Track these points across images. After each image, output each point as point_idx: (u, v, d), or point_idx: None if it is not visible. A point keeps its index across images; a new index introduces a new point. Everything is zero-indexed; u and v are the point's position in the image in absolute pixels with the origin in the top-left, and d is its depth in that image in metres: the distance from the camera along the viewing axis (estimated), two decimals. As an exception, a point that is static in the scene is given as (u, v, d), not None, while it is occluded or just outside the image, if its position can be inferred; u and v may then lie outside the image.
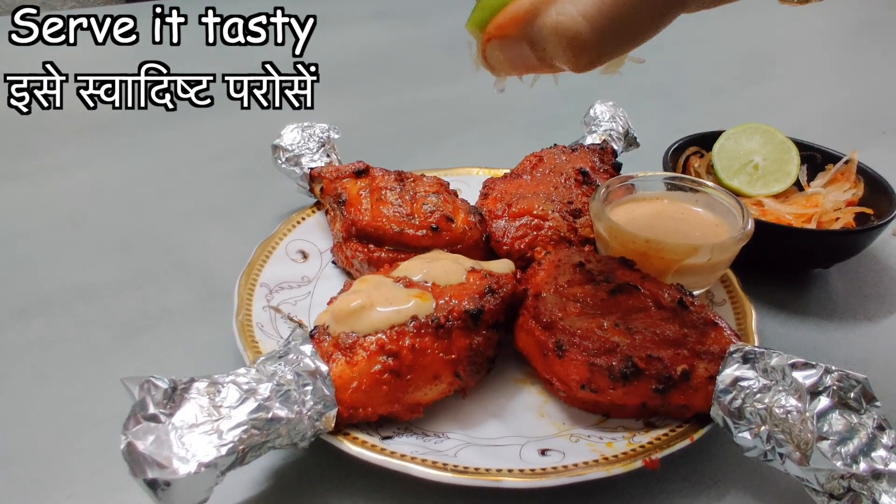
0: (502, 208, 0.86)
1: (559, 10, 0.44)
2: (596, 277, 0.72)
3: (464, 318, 0.66)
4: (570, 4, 0.44)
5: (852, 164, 0.98)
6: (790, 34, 2.05)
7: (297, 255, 0.89)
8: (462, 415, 0.67)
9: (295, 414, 0.57)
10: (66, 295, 0.87)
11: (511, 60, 0.49)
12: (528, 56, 0.48)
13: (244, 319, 0.74)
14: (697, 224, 0.85)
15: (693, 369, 0.62)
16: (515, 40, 0.48)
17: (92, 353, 0.78)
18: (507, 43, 0.48)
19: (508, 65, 0.50)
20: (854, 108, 1.53)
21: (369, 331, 0.64)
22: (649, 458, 0.60)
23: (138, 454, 0.50)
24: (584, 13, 0.43)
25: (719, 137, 1.03)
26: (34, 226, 1.02)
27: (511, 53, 0.49)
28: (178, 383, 0.55)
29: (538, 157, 0.96)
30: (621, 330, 0.65)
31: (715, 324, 0.66)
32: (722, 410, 0.60)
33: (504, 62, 0.50)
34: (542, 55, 0.47)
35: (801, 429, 0.56)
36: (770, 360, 0.60)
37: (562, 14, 0.44)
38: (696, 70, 1.73)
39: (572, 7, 0.44)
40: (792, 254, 0.89)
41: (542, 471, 0.59)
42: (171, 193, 1.12)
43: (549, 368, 0.66)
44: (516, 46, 0.48)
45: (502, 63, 0.50)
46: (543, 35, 0.46)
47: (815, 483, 0.55)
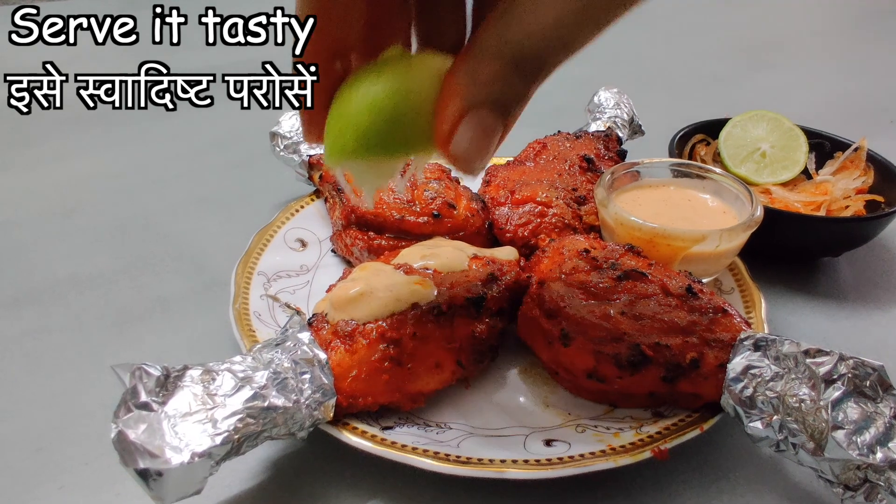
0: (505, 195, 0.85)
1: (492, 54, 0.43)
2: (602, 264, 0.70)
3: (466, 306, 0.64)
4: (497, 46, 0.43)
5: (862, 151, 0.96)
6: (796, 22, 2.03)
7: (296, 243, 0.87)
8: (464, 405, 0.66)
9: (292, 403, 0.55)
10: (60, 284, 0.85)
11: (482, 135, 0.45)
12: (490, 119, 0.44)
13: (241, 308, 0.73)
14: (705, 211, 0.83)
15: (703, 357, 0.61)
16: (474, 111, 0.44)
17: (85, 342, 0.76)
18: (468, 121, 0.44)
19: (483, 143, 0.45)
20: (861, 97, 1.51)
21: (369, 318, 0.62)
22: (658, 449, 0.58)
23: (129, 443, 0.48)
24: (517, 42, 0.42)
25: (726, 125, 1.01)
26: (28, 215, 1.00)
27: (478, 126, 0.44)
28: (171, 371, 0.53)
29: (542, 144, 0.94)
30: (628, 317, 0.63)
31: (724, 311, 0.64)
32: (733, 399, 0.58)
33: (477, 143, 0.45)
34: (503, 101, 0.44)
35: (815, 418, 0.54)
36: (782, 347, 0.58)
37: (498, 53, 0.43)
38: (701, 58, 1.71)
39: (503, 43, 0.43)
40: (801, 242, 0.87)
41: (547, 462, 0.57)
42: (167, 182, 1.10)
43: (554, 357, 0.65)
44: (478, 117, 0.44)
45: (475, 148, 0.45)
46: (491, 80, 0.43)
47: (830, 474, 0.53)
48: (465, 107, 0.43)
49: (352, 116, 0.46)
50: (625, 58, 1.54)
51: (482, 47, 0.43)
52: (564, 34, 0.42)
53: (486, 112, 0.44)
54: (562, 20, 0.42)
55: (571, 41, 0.43)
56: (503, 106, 0.44)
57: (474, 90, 0.43)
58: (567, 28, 0.42)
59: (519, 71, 0.43)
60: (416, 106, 0.45)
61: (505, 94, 0.44)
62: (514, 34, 0.42)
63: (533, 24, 0.42)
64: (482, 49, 0.43)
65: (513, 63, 0.43)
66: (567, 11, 0.42)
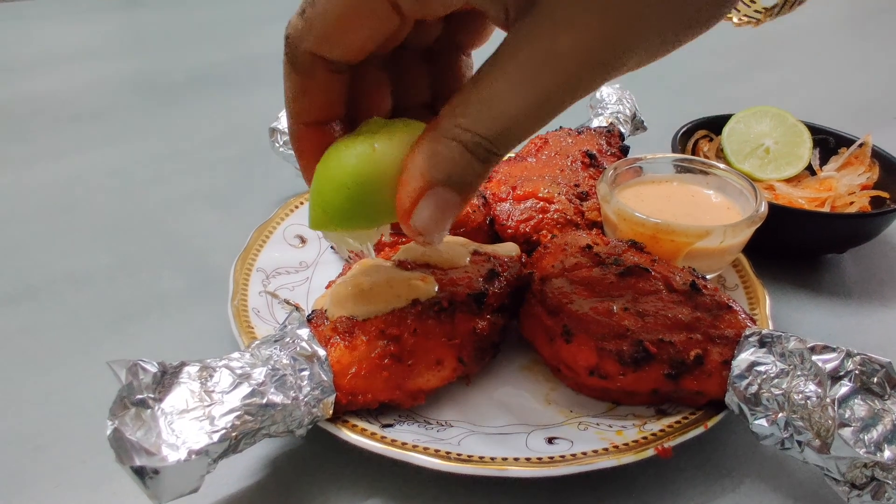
0: (507, 191, 0.84)
1: (453, 136, 0.45)
2: (604, 260, 0.69)
3: (467, 302, 0.63)
4: (458, 129, 0.45)
5: (867, 147, 0.96)
6: (799, 19, 2.02)
7: (295, 239, 0.86)
8: (466, 402, 0.65)
9: (291, 400, 0.54)
10: (57, 281, 0.84)
11: (441, 212, 0.46)
12: (450, 197, 0.46)
13: (239, 304, 0.72)
14: (708, 207, 0.82)
15: (707, 354, 0.60)
16: (432, 191, 0.46)
17: (82, 339, 0.75)
18: (428, 199, 0.46)
19: (442, 219, 0.47)
20: (865, 93, 1.49)
21: (369, 314, 0.61)
22: (661, 447, 0.57)
23: (125, 440, 0.47)
24: (475, 129, 0.44)
25: (729, 121, 1.01)
26: (24, 211, 1.00)
27: (437, 205, 0.46)
28: (168, 367, 0.52)
29: (543, 140, 0.93)
30: (631, 314, 0.62)
31: (729, 307, 0.64)
32: (737, 397, 0.58)
33: (437, 219, 0.47)
34: (461, 184, 0.46)
35: (821, 415, 0.53)
36: (788, 343, 0.57)
37: (457, 136, 0.45)
38: (703, 55, 1.70)
39: (459, 130, 0.44)
40: (805, 238, 0.86)
41: (549, 459, 0.56)
42: (165, 179, 1.10)
43: (556, 354, 0.64)
44: (436, 196, 0.46)
45: (437, 222, 0.47)
46: (450, 164, 0.45)
47: (836, 472, 0.52)
48: (423, 186, 0.46)
49: (324, 193, 0.50)
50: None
51: (441, 129, 0.45)
52: (519, 125, 0.44)
53: (444, 190, 0.46)
54: (517, 114, 0.43)
55: (527, 130, 0.45)
56: (460, 185, 0.46)
57: (433, 170, 0.45)
58: (522, 119, 0.44)
59: (475, 154, 0.45)
60: (383, 182, 0.48)
61: (462, 175, 0.45)
62: (470, 123, 0.44)
63: (488, 116, 0.44)
64: (441, 131, 0.45)
65: (469, 147, 0.44)
66: (524, 105, 0.43)
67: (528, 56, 0.42)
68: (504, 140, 0.45)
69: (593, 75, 0.43)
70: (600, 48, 0.42)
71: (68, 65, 1.55)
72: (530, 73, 0.42)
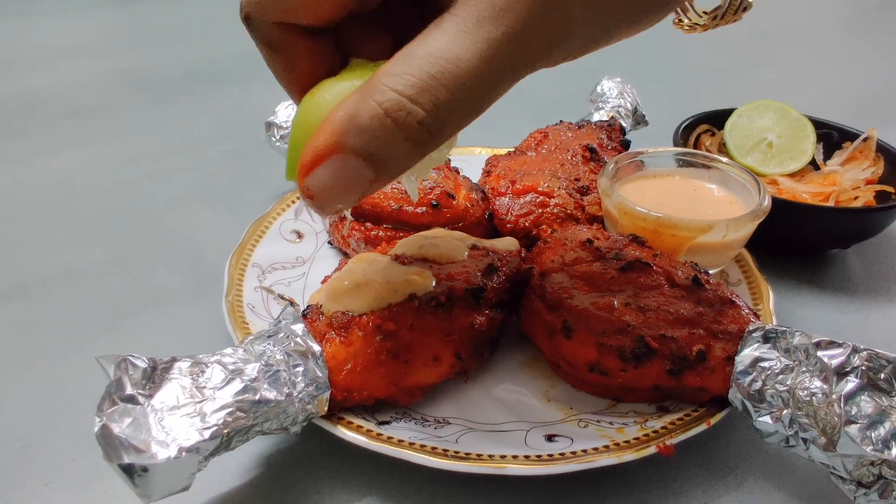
0: (506, 185, 0.83)
1: (379, 100, 0.37)
2: (605, 255, 0.68)
3: (465, 297, 0.62)
4: (389, 90, 0.37)
5: (871, 141, 0.94)
6: (801, 14, 2.01)
7: (292, 234, 0.85)
8: (464, 399, 0.64)
9: (284, 396, 0.53)
10: (50, 278, 0.83)
11: (342, 183, 0.39)
12: (359, 169, 0.38)
13: (234, 300, 0.71)
14: (710, 201, 0.81)
15: (709, 349, 0.59)
16: (339, 155, 0.38)
17: (75, 336, 0.74)
18: (330, 164, 0.38)
19: (340, 191, 0.39)
20: (869, 88, 1.48)
21: (365, 309, 0.60)
22: (663, 444, 0.56)
23: (113, 437, 0.46)
24: (408, 94, 0.36)
25: (731, 115, 0.99)
26: (18, 207, 0.98)
27: (339, 173, 0.38)
28: (159, 363, 0.51)
29: (543, 134, 0.92)
30: (632, 309, 0.61)
31: (732, 302, 0.62)
32: (741, 393, 0.56)
33: (334, 189, 0.39)
34: (377, 157, 0.38)
35: (826, 412, 0.52)
36: (793, 339, 0.56)
37: (384, 102, 0.36)
38: (704, 50, 1.69)
39: (392, 92, 0.36)
40: (810, 233, 0.85)
41: (548, 457, 0.55)
42: (161, 175, 1.08)
43: (555, 350, 0.63)
44: (342, 162, 0.38)
45: (333, 192, 0.39)
46: (371, 133, 0.37)
47: (843, 470, 0.51)
48: (332, 146, 0.38)
49: (295, 141, 0.44)
50: (627, 49, 1.52)
51: (371, 86, 0.37)
52: (458, 85, 0.37)
53: (355, 160, 0.38)
54: (455, 70, 0.36)
55: (468, 95, 0.37)
56: (377, 161, 0.38)
57: (347, 134, 0.37)
58: (462, 76, 0.37)
59: (400, 126, 0.37)
60: None
61: (381, 149, 0.38)
62: (397, 81, 0.37)
63: (419, 72, 0.36)
64: (370, 89, 0.37)
65: (392, 114, 0.37)
66: (465, 57, 0.36)
67: (474, 6, 0.37)
68: (438, 109, 0.37)
69: (541, 34, 0.38)
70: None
71: (64, 61, 1.54)
72: (473, 24, 0.36)
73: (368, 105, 0.37)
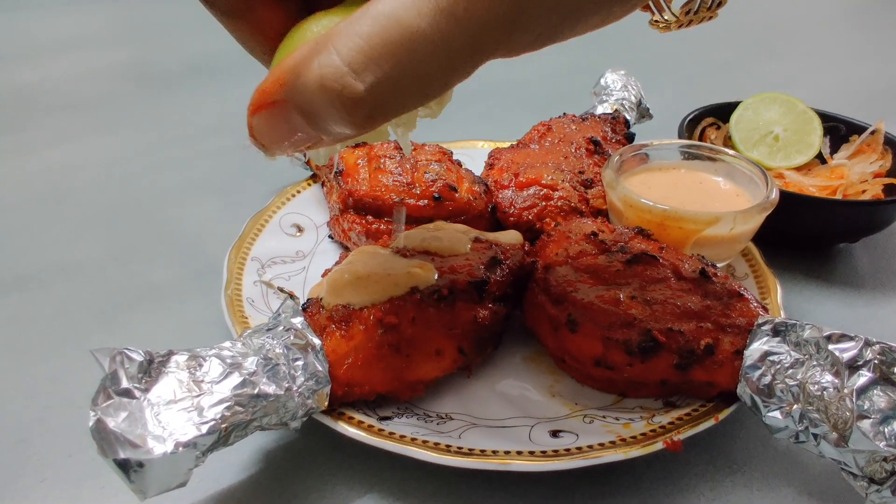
0: (509, 178, 0.81)
1: (322, 63, 0.34)
2: (610, 248, 0.67)
3: (468, 290, 0.61)
4: (335, 54, 0.34)
5: (879, 134, 0.93)
6: (809, 6, 1.99)
7: (292, 228, 0.84)
8: (466, 394, 0.63)
9: (284, 390, 0.52)
10: (47, 271, 0.82)
11: (282, 134, 0.39)
12: (300, 125, 0.37)
13: (233, 294, 0.70)
14: (717, 194, 0.80)
15: (718, 343, 0.57)
16: (282, 108, 0.37)
17: (71, 330, 0.73)
18: (273, 113, 0.37)
19: (280, 139, 0.39)
20: (876, 81, 1.47)
21: (366, 303, 0.59)
22: (671, 440, 0.55)
23: (108, 432, 0.45)
24: (351, 62, 0.34)
25: (737, 107, 0.98)
26: (14, 201, 0.98)
27: (280, 125, 0.38)
28: (155, 356, 0.50)
29: (547, 127, 0.91)
30: (638, 302, 0.60)
31: (740, 295, 0.61)
32: (750, 388, 0.55)
33: (275, 138, 0.39)
34: (315, 120, 0.37)
35: (838, 407, 0.51)
36: (803, 332, 0.55)
37: (325, 66, 0.34)
38: (709, 44, 1.67)
39: (336, 57, 0.34)
40: (817, 227, 0.84)
41: (553, 453, 0.54)
42: (159, 168, 1.07)
43: (560, 344, 0.61)
44: (284, 115, 0.37)
45: (273, 139, 0.39)
46: (310, 95, 0.35)
47: (854, 466, 0.50)
48: (276, 96, 0.37)
49: None
50: (631, 42, 1.50)
51: (324, 43, 0.35)
52: (412, 72, 0.34)
53: (296, 116, 0.37)
54: (402, 35, 0.33)
55: (420, 85, 0.35)
56: (316, 123, 0.37)
57: (291, 88, 0.36)
58: (410, 43, 0.34)
59: (340, 101, 0.35)
60: None
61: (320, 116, 0.36)
62: (349, 49, 0.34)
63: (377, 46, 0.34)
64: (322, 45, 0.35)
65: (332, 88, 0.35)
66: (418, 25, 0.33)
67: None
68: (378, 87, 0.34)
69: (505, 16, 0.34)
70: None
71: (62, 54, 1.53)
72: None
73: (312, 66, 0.35)
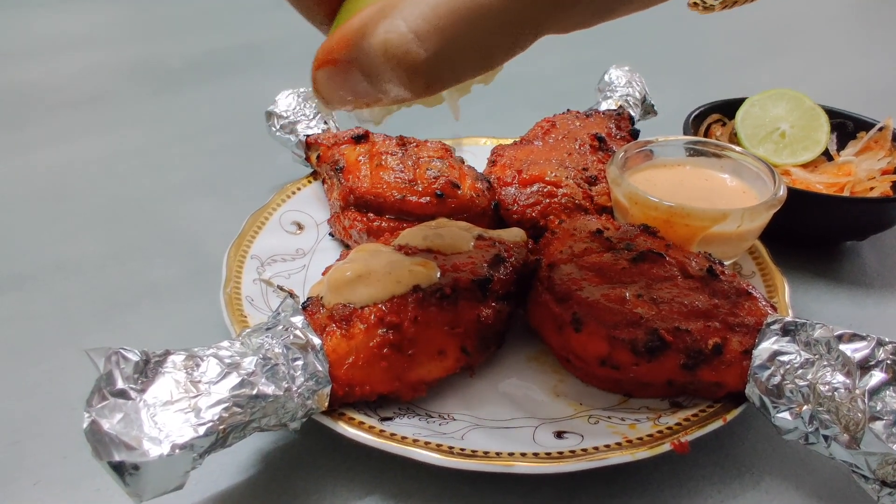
0: (512, 175, 0.80)
1: (387, 28, 0.36)
2: (616, 245, 0.65)
3: (471, 288, 0.60)
4: (401, 20, 0.35)
5: (887, 130, 0.92)
6: (814, 3, 1.98)
7: (292, 226, 0.83)
8: (469, 394, 0.61)
9: (283, 391, 0.51)
10: (45, 270, 0.81)
11: (343, 90, 0.40)
12: (360, 84, 0.39)
13: (232, 292, 0.69)
14: (723, 191, 0.79)
15: (726, 343, 0.56)
16: (344, 66, 0.38)
17: (68, 329, 0.72)
18: (336, 70, 0.39)
19: (340, 96, 0.41)
20: (884, 78, 1.45)
21: (367, 302, 0.58)
22: (677, 441, 0.54)
23: (103, 434, 0.44)
24: (416, 30, 0.35)
25: (743, 104, 0.97)
26: (14, 198, 0.97)
27: (341, 82, 0.40)
28: (151, 356, 0.49)
29: (550, 123, 0.90)
30: (645, 301, 0.59)
31: (749, 293, 0.60)
32: (758, 388, 0.54)
33: (335, 92, 0.41)
34: (375, 82, 0.38)
35: (850, 408, 0.49)
36: (813, 332, 0.54)
37: (390, 32, 0.36)
38: (715, 41, 1.66)
39: (402, 23, 0.35)
40: (825, 224, 0.83)
41: (558, 455, 0.53)
42: (159, 166, 1.06)
43: (565, 344, 0.60)
44: (346, 73, 0.39)
45: (334, 94, 0.41)
46: (372, 58, 0.37)
47: (866, 469, 0.49)
48: (341, 54, 0.38)
49: None
50: (636, 37, 1.49)
51: (392, 5, 0.36)
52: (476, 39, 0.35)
53: (358, 75, 0.38)
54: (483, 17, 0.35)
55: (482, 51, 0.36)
56: (377, 85, 0.38)
57: (355, 48, 0.37)
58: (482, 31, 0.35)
59: (402, 66, 0.36)
60: None
61: (382, 78, 0.37)
62: (416, 16, 0.35)
63: (443, 12, 0.35)
64: (390, 7, 0.36)
65: (395, 54, 0.36)
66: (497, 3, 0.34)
67: None
68: (441, 53, 0.35)
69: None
70: None
71: (63, 51, 1.52)
72: None
73: (378, 30, 0.36)
